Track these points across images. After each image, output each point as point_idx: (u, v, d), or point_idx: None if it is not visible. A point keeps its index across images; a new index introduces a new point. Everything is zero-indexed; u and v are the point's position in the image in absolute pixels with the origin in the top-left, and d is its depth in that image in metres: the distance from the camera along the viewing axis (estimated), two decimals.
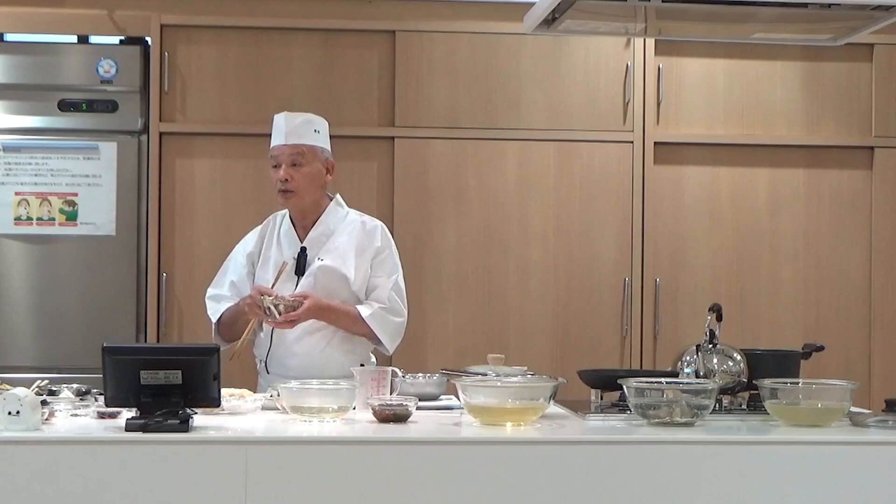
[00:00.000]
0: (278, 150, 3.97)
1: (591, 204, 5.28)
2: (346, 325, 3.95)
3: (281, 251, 4.02)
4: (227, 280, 4.06)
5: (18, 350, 5.09)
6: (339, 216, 4.07)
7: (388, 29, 5.22)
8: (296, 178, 3.94)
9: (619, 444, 3.05)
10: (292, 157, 3.94)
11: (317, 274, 3.96)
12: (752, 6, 3.49)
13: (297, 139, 3.96)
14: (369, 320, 3.93)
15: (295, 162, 3.94)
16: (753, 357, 3.57)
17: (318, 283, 3.95)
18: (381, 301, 3.98)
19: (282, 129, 3.98)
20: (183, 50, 5.16)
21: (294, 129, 3.97)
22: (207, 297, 4.07)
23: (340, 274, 3.97)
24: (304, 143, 3.97)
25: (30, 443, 2.90)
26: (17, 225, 5.10)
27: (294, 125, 3.98)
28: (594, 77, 5.29)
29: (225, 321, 4.01)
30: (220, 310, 4.02)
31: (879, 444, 3.11)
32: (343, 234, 4.04)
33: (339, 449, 2.98)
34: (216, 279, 4.10)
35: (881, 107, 5.38)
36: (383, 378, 3.51)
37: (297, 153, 3.95)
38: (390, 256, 4.05)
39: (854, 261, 5.38)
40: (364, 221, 4.09)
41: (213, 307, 4.04)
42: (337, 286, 3.96)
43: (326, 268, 3.97)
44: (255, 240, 4.10)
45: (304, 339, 3.95)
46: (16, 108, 5.13)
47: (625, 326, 5.26)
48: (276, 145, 3.98)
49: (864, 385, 5.14)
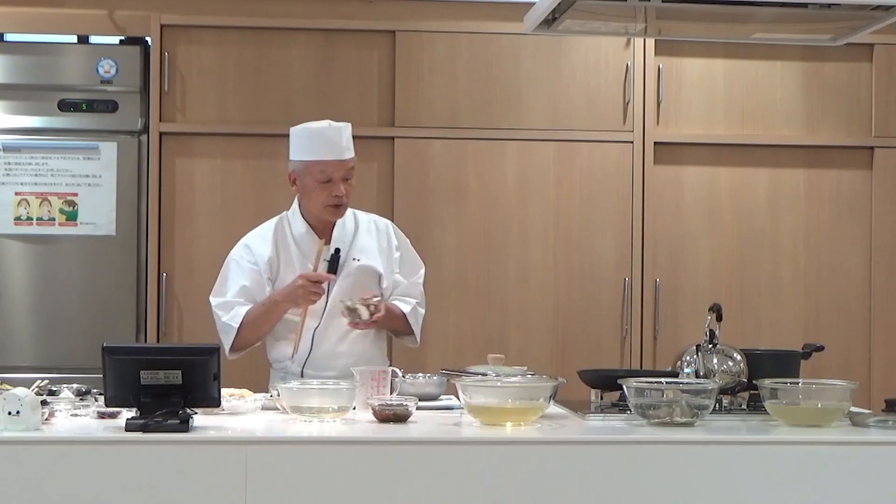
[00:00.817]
0: (333, 165, 3.91)
1: (591, 204, 5.28)
2: (393, 324, 4.00)
3: (302, 254, 3.99)
4: (234, 286, 3.96)
5: (18, 350, 5.09)
6: (350, 216, 4.08)
7: (388, 29, 5.22)
8: (347, 193, 3.95)
9: (619, 444, 3.05)
10: (347, 172, 3.95)
11: (355, 274, 3.98)
12: (752, 6, 3.49)
13: (350, 153, 3.97)
14: (410, 317, 4.00)
15: (346, 177, 3.95)
16: (753, 357, 3.57)
17: (356, 282, 3.97)
18: (414, 297, 4.05)
19: (335, 144, 3.93)
20: (183, 50, 5.16)
21: (347, 144, 3.96)
22: (216, 307, 3.95)
23: (376, 273, 4.02)
24: (353, 156, 3.99)
25: (30, 443, 2.91)
26: (17, 225, 5.10)
27: (345, 138, 3.95)
28: (594, 77, 5.29)
29: (250, 322, 3.91)
30: (240, 313, 3.91)
31: (879, 444, 3.11)
32: (363, 233, 4.07)
33: (339, 449, 2.98)
34: (218, 288, 4.00)
35: (881, 107, 5.38)
36: (383, 378, 3.51)
37: (350, 168, 3.96)
38: (409, 252, 4.13)
39: (854, 261, 5.38)
40: (374, 220, 4.13)
41: (229, 314, 3.92)
42: (371, 285, 4.00)
43: (364, 267, 4.00)
44: (269, 245, 4.01)
45: (346, 338, 3.96)
46: (16, 108, 5.13)
47: (625, 326, 5.26)
48: (331, 160, 3.91)
49: (864, 385, 5.14)
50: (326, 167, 3.91)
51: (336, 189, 3.91)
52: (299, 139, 3.99)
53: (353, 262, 3.99)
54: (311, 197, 3.96)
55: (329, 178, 3.92)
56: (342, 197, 3.93)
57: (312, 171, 3.92)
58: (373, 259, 4.03)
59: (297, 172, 3.99)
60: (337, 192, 3.91)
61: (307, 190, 3.97)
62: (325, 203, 3.94)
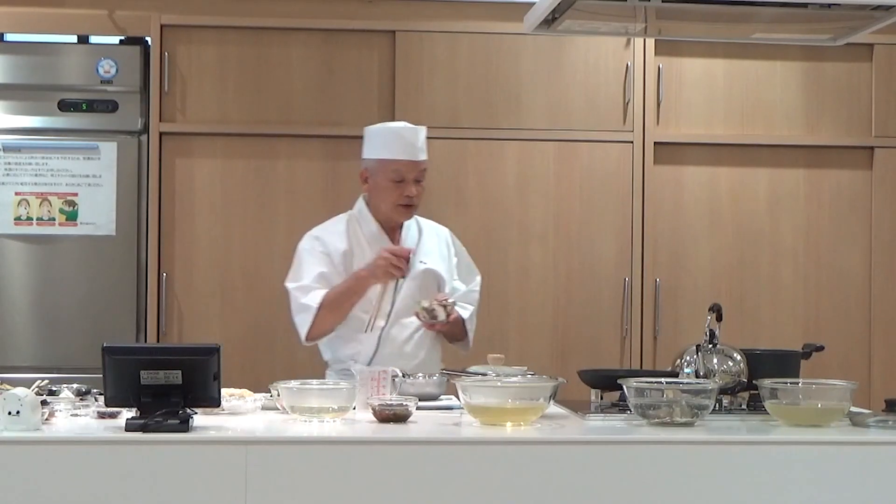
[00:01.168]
0: (408, 166, 3.99)
1: (591, 204, 5.28)
2: (455, 329, 4.05)
3: (374, 252, 3.99)
4: (312, 271, 3.97)
5: (18, 350, 5.09)
6: (413, 221, 4.13)
7: (388, 29, 5.22)
8: (419, 194, 4.01)
9: (619, 444, 3.05)
10: (419, 173, 4.01)
11: (421, 277, 4.03)
12: (752, 6, 3.49)
13: (424, 155, 4.04)
14: (468, 323, 4.08)
15: (419, 178, 4.01)
16: (753, 357, 3.57)
17: (421, 285, 4.02)
18: (471, 303, 4.11)
19: (410, 144, 4.00)
20: (183, 50, 5.16)
21: (422, 146, 4.03)
22: (294, 289, 3.97)
23: (441, 277, 4.09)
24: (426, 158, 4.05)
25: (30, 443, 2.91)
26: (17, 225, 5.10)
27: (422, 140, 4.03)
28: (594, 77, 5.29)
29: (330, 302, 3.92)
30: (320, 294, 3.93)
31: (879, 444, 3.11)
32: (427, 238, 4.13)
33: (339, 449, 2.98)
34: (294, 273, 4.01)
35: (881, 107, 5.38)
36: (383, 378, 3.51)
37: (424, 170, 4.03)
38: (466, 259, 4.21)
39: (854, 261, 5.38)
40: (433, 226, 4.20)
41: (307, 296, 3.93)
42: (434, 289, 4.05)
43: (430, 271, 4.06)
44: (344, 239, 4.05)
45: (412, 339, 4.01)
46: (16, 108, 5.13)
47: (625, 326, 5.26)
48: (406, 160, 3.99)
49: (864, 385, 5.14)
50: (400, 167, 3.98)
51: (408, 189, 3.98)
52: (375, 138, 4.07)
53: (420, 264, 4.04)
54: (382, 196, 4.02)
55: (402, 178, 3.98)
56: (413, 198, 3.99)
57: (387, 170, 3.99)
58: (437, 263, 4.10)
59: (370, 171, 4.05)
60: (409, 192, 3.98)
61: (379, 189, 4.02)
62: (397, 203, 4.00)
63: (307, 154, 5.19)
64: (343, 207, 4.60)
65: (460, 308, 4.05)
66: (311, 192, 5.18)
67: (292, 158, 5.19)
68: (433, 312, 3.85)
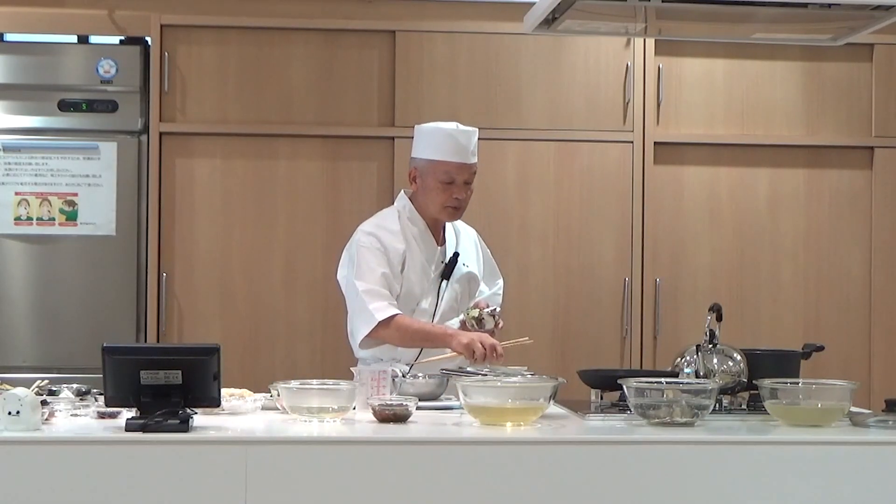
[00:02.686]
0: (458, 168, 3.96)
1: (591, 204, 5.28)
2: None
3: (425, 254, 4.00)
4: (376, 271, 3.89)
5: (18, 350, 5.09)
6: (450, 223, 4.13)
7: (388, 29, 5.22)
8: (468, 197, 4.01)
9: (619, 444, 3.05)
10: (470, 176, 4.00)
11: (462, 280, 4.04)
12: (752, 6, 3.49)
13: (475, 159, 4.02)
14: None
15: (468, 181, 4.00)
16: (753, 357, 3.57)
17: (463, 289, 4.03)
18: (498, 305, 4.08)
19: (463, 147, 3.98)
20: (183, 50, 5.16)
21: (474, 150, 4.01)
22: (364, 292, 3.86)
23: (478, 280, 4.11)
24: (476, 161, 4.04)
25: (30, 443, 2.90)
26: (17, 225, 5.10)
27: (474, 143, 4.01)
28: (594, 77, 5.29)
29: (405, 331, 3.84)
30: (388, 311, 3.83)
31: (879, 444, 3.11)
32: (464, 239, 4.13)
33: (339, 449, 2.98)
34: (361, 272, 3.90)
35: (881, 107, 5.38)
36: (383, 378, 3.51)
37: (473, 173, 4.02)
38: (492, 263, 4.22)
39: (854, 261, 5.38)
40: (466, 229, 4.19)
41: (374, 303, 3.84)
42: (473, 292, 4.08)
43: (471, 274, 4.08)
44: (401, 239, 3.99)
45: None
46: (16, 108, 5.13)
47: (625, 326, 5.26)
48: (457, 163, 3.96)
49: (864, 385, 5.14)
50: (451, 169, 3.96)
51: (458, 192, 3.97)
52: (427, 138, 4.04)
53: (464, 267, 4.05)
54: (430, 196, 4.00)
55: (452, 180, 3.96)
56: (462, 200, 3.99)
57: (437, 171, 3.97)
58: (474, 265, 4.11)
59: (419, 170, 4.02)
60: (458, 194, 3.97)
61: (427, 189, 4.00)
62: (445, 204, 3.98)
63: (307, 154, 5.19)
64: (343, 207, 4.62)
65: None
66: (311, 192, 5.18)
67: (292, 158, 5.19)
68: (482, 322, 3.83)
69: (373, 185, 5.18)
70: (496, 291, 4.19)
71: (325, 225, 5.15)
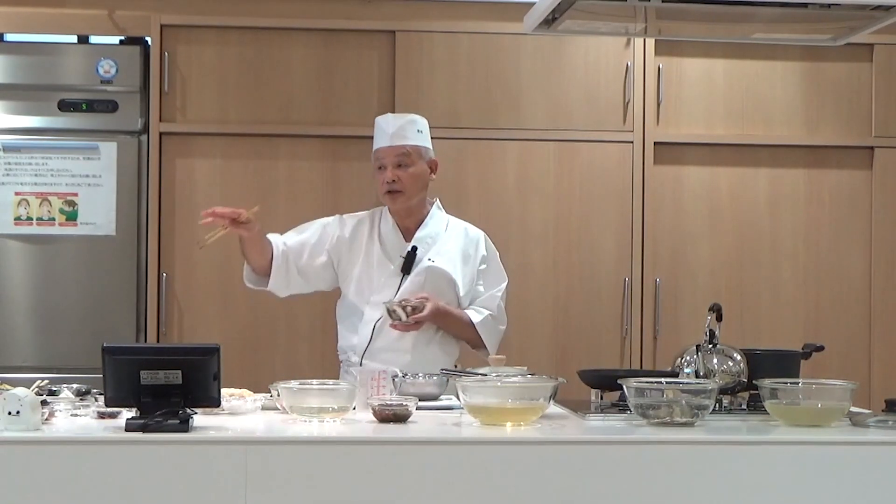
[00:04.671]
0: (383, 151, 4.03)
1: (591, 204, 5.28)
2: (457, 330, 4.03)
3: (384, 248, 4.05)
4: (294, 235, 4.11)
5: (18, 350, 5.09)
6: (443, 220, 4.14)
7: (388, 29, 5.22)
8: (402, 179, 4.00)
9: (619, 444, 3.05)
10: (398, 157, 4.01)
11: (426, 274, 4.01)
12: (752, 6, 3.49)
13: (402, 140, 4.03)
14: (479, 327, 4.02)
15: (400, 163, 4.01)
16: (753, 357, 3.57)
17: (426, 283, 4.00)
18: (490, 309, 4.06)
19: (385, 131, 4.04)
20: (183, 50, 5.16)
21: (398, 131, 4.03)
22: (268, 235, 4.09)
23: (449, 277, 4.04)
24: (409, 143, 4.04)
25: (30, 443, 2.90)
26: (17, 225, 5.10)
27: (398, 126, 4.04)
28: (594, 77, 5.29)
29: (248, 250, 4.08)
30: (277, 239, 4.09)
31: (879, 444, 3.11)
32: (449, 238, 4.10)
33: (339, 449, 2.98)
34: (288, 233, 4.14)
35: (881, 107, 5.38)
36: (383, 378, 3.51)
37: (403, 154, 4.02)
38: (498, 266, 4.17)
39: (854, 261, 5.38)
40: (466, 228, 4.17)
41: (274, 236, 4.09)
42: (444, 288, 4.02)
43: (436, 269, 4.02)
44: (352, 225, 4.11)
45: (408, 335, 3.97)
46: (16, 108, 5.13)
47: (625, 326, 5.26)
48: (381, 147, 4.04)
49: (864, 385, 5.14)
50: (380, 154, 4.04)
51: (388, 175, 4.00)
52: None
53: (427, 262, 4.03)
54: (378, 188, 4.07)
55: (382, 165, 4.02)
56: (393, 183, 3.99)
57: (373, 160, 4.09)
58: (449, 264, 4.05)
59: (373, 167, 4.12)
60: (388, 177, 4.00)
61: (375, 181, 4.09)
62: (382, 190, 4.03)
63: (307, 154, 5.19)
64: (343, 207, 4.61)
65: (473, 311, 4.05)
66: (311, 192, 5.18)
67: (292, 158, 5.19)
68: (394, 313, 3.85)
69: (372, 186, 5.17)
70: (493, 293, 4.14)
71: None
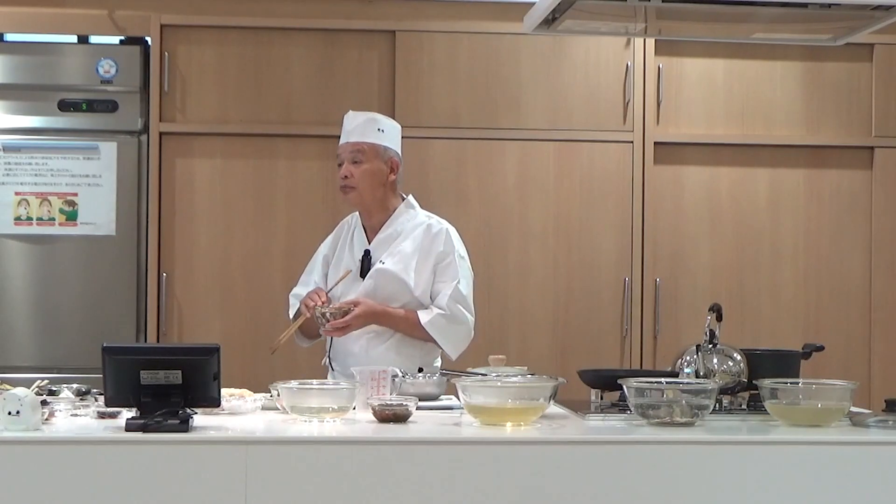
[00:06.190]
0: (341, 147, 4.06)
1: (591, 204, 5.28)
2: (406, 330, 3.97)
3: (352, 253, 4.05)
4: (310, 279, 4.11)
5: (18, 350, 5.09)
6: (408, 218, 4.07)
7: (388, 29, 5.22)
8: (355, 175, 3.99)
9: (619, 444, 3.05)
10: (352, 154, 4.01)
11: (375, 277, 3.98)
12: (752, 6, 3.49)
13: (358, 137, 4.03)
14: (427, 326, 3.92)
15: (355, 159, 4.01)
16: (753, 357, 3.57)
17: (377, 286, 3.97)
18: (441, 307, 3.94)
19: (345, 128, 4.06)
20: (183, 50, 5.16)
21: (356, 128, 4.04)
22: (291, 295, 4.11)
23: (398, 278, 3.96)
24: (365, 140, 4.02)
25: (30, 443, 2.90)
26: (17, 225, 5.10)
27: (357, 123, 4.05)
28: (594, 77, 5.29)
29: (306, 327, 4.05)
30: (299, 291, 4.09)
31: (879, 444, 3.11)
32: (409, 237, 4.04)
33: (339, 449, 2.98)
34: (301, 279, 4.15)
35: (881, 107, 5.38)
36: (383, 378, 3.51)
37: (357, 150, 4.01)
38: (453, 262, 4.00)
39: (854, 261, 5.38)
40: (430, 224, 4.05)
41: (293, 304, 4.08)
42: (396, 290, 3.97)
43: (385, 271, 3.97)
44: (330, 241, 4.16)
45: (360, 339, 3.96)
46: (16, 108, 5.13)
47: (625, 326, 5.26)
48: (340, 143, 4.06)
49: (864, 385, 5.14)
50: (339, 152, 4.06)
51: (343, 171, 4.01)
52: None
53: (380, 264, 4.00)
54: None
55: (340, 161, 4.04)
56: (345, 179, 3.99)
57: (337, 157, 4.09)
58: (400, 264, 3.98)
59: None
60: (343, 173, 4.00)
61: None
62: (339, 186, 4.04)
63: (307, 154, 5.20)
64: (342, 207, 4.60)
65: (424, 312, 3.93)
66: (311, 191, 5.18)
67: (292, 158, 5.19)
68: (320, 318, 3.85)
69: None
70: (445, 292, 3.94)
71: (325, 225, 5.12)
